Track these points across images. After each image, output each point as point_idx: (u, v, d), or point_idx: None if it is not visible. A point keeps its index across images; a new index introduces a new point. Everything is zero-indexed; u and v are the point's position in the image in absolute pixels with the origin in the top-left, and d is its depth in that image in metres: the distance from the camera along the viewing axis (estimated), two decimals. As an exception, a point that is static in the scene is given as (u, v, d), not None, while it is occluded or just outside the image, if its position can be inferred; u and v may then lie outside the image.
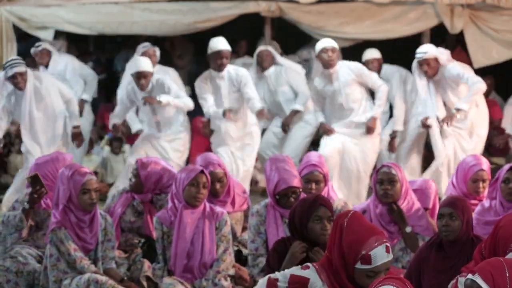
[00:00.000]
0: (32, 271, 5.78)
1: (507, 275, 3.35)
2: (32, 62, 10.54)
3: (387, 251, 3.82)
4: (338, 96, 8.66)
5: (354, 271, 3.84)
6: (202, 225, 5.70)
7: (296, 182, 5.77)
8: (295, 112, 9.09)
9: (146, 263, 5.96)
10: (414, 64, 8.56)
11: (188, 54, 11.83)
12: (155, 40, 11.15)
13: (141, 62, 8.47)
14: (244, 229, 6.58)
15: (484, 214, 5.87)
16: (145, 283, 5.77)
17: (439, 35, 10.09)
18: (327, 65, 8.58)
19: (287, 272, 4.00)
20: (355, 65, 8.72)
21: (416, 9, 9.46)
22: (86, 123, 9.80)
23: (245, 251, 6.20)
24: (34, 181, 5.82)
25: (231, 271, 5.74)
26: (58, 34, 10.64)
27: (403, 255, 5.70)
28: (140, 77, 8.39)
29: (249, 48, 11.23)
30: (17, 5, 9.85)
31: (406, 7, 9.50)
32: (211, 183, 6.07)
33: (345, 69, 8.65)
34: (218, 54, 8.52)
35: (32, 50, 9.83)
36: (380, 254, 3.80)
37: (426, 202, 6.01)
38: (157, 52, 9.58)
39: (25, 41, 10.66)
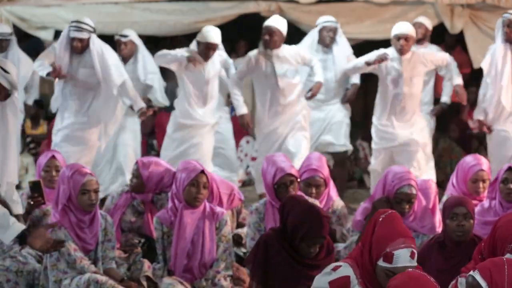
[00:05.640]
0: (32, 271, 5.78)
1: (506, 273, 3.38)
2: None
3: (412, 256, 3.82)
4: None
5: (376, 267, 3.85)
6: (202, 225, 5.70)
7: (293, 171, 5.87)
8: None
9: (146, 263, 5.96)
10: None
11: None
12: (155, 39, 11.15)
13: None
14: (238, 225, 6.60)
15: (484, 214, 5.87)
16: (145, 283, 5.77)
17: (439, 35, 10.08)
18: (400, 51, 7.76)
19: (322, 282, 3.94)
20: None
21: (416, 9, 9.46)
22: None
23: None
24: (35, 187, 5.81)
25: (230, 271, 5.75)
26: (58, 34, 10.62)
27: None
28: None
29: (249, 48, 11.22)
30: (17, 5, 9.84)
31: (406, 7, 9.50)
32: None
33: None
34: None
35: None
36: (403, 256, 3.81)
37: (426, 202, 6.02)
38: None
39: (25, 41, 10.65)
